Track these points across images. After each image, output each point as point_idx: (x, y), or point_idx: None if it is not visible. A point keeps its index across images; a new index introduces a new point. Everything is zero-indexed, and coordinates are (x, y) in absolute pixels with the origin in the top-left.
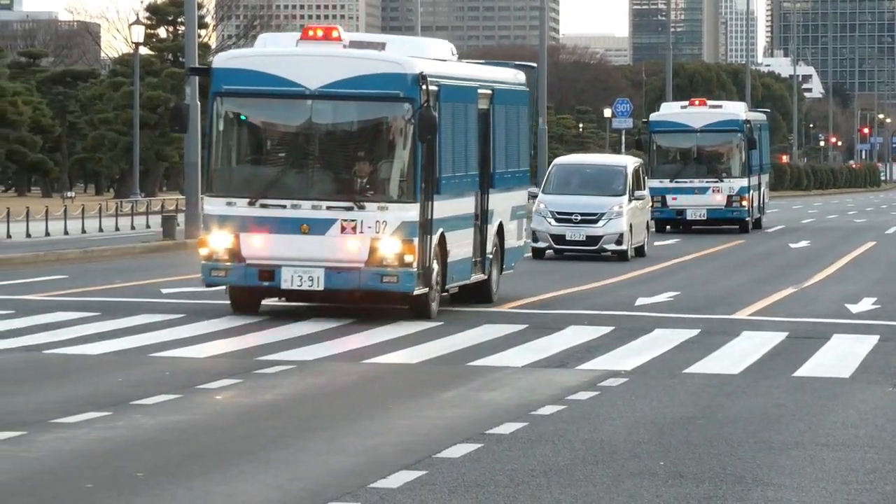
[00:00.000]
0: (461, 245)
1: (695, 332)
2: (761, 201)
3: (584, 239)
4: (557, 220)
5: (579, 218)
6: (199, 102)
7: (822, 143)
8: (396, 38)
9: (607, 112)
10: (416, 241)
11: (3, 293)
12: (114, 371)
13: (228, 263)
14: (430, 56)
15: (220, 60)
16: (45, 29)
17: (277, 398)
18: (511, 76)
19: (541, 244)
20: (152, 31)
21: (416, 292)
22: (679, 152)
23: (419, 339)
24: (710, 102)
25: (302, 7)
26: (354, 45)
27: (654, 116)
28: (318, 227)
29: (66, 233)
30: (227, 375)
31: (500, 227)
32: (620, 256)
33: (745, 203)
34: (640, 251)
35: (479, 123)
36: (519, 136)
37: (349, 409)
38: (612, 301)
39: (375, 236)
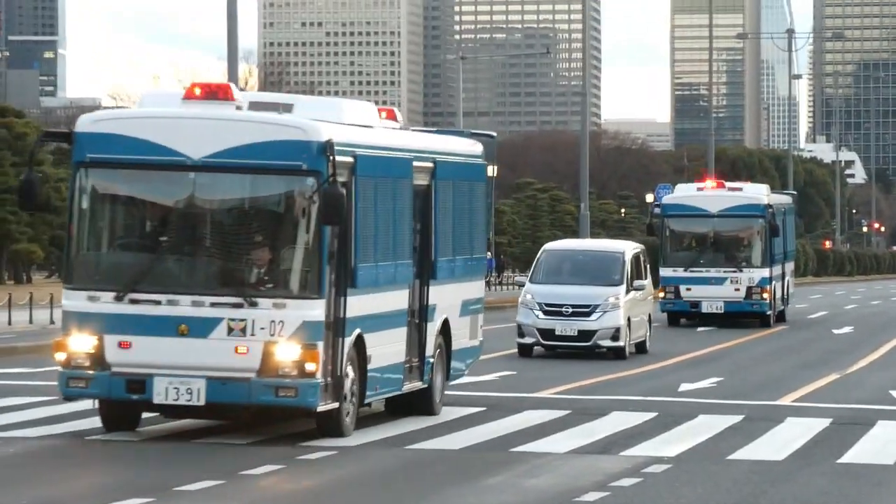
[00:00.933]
0: (388, 347)
1: (738, 418)
2: (785, 292)
3: (576, 334)
4: (546, 313)
5: (570, 310)
6: None
7: (864, 229)
8: (308, 98)
9: (649, 197)
10: (320, 345)
11: (47, 379)
12: (157, 457)
13: (90, 372)
14: (346, 121)
15: (83, 123)
16: None
17: (320, 484)
18: (465, 147)
19: (527, 340)
20: None
21: (321, 408)
22: (694, 238)
23: (462, 424)
24: (728, 184)
25: (344, 93)
26: (255, 106)
27: (667, 199)
28: (200, 327)
29: None
30: (270, 461)
31: (446, 324)
32: (617, 354)
33: (766, 295)
34: (640, 347)
35: (413, 202)
36: (471, 216)
37: (392, 496)
38: (655, 387)
39: (270, 340)
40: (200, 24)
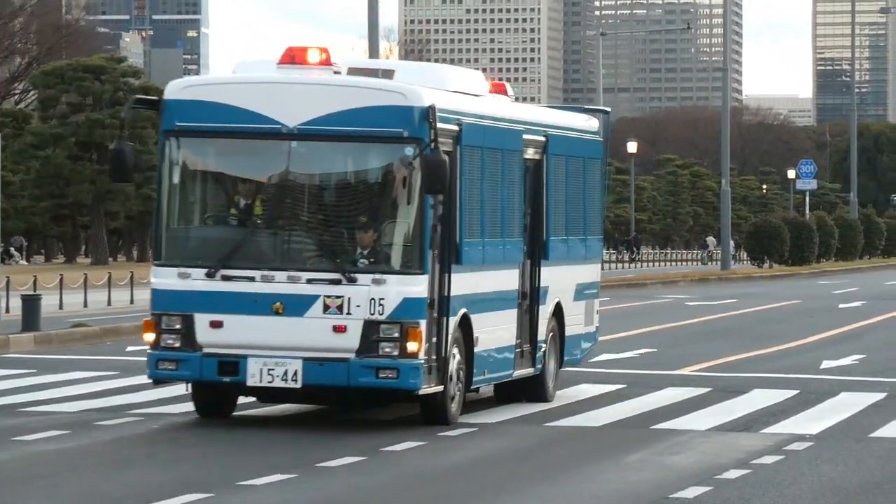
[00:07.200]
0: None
1: (881, 395)
2: (543, 335)
3: None
4: None
5: None
6: None
7: None
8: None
9: (791, 173)
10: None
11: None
12: (298, 433)
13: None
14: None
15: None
16: None
17: (461, 460)
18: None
19: None
20: None
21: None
22: (235, 194)
23: (602, 401)
24: (339, 60)
25: (484, 70)
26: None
27: (177, 88)
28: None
29: None
30: (411, 438)
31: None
32: None
33: (413, 345)
34: None
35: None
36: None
37: (532, 472)
38: (796, 364)
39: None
40: (342, 3)
